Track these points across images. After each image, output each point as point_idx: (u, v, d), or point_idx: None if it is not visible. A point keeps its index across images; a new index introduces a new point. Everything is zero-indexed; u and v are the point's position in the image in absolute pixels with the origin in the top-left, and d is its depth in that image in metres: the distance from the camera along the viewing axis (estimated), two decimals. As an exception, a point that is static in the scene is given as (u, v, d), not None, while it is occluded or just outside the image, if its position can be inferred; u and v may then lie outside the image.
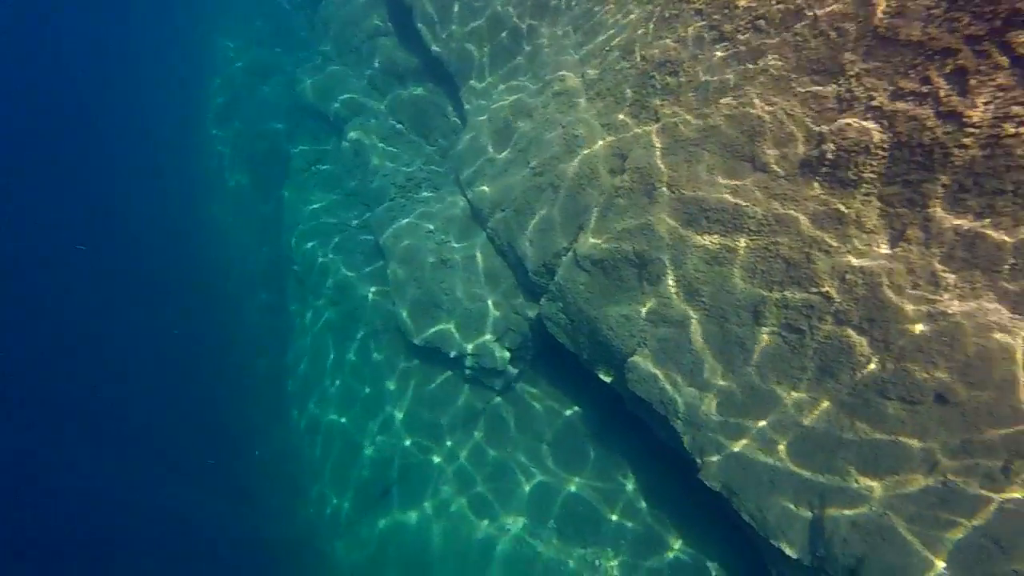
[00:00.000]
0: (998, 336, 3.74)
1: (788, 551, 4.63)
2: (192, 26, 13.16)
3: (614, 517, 6.18)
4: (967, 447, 3.99)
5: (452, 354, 6.59)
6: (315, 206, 9.00)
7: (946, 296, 3.95)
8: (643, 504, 6.24)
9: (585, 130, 5.78)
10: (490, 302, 6.56)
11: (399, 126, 8.44)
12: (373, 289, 7.73)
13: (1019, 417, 3.75)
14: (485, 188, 6.71)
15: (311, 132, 9.83)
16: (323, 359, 8.25)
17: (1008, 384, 3.74)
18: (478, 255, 6.74)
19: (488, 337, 6.46)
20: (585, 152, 5.68)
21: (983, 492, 3.90)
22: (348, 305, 7.91)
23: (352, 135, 8.62)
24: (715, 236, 4.61)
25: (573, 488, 6.36)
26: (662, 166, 4.95)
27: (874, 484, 4.30)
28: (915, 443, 4.14)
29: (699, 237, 4.69)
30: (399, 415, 7.19)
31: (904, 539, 4.16)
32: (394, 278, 7.11)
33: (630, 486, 6.29)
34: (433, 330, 6.72)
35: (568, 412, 6.60)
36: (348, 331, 7.98)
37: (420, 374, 7.11)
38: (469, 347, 6.50)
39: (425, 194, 7.61)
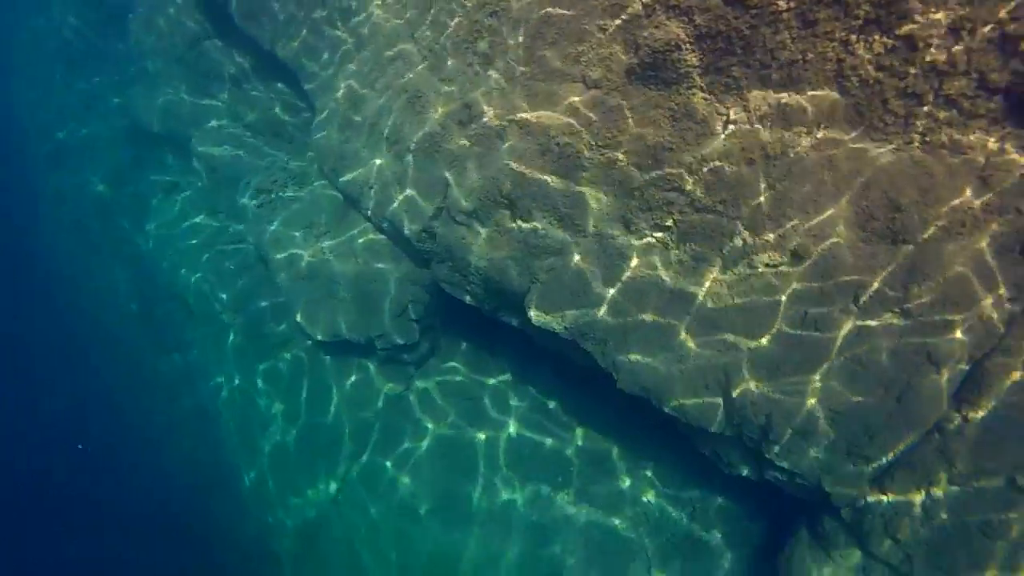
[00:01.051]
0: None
1: (712, 428, 5.10)
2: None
3: (558, 449, 6.52)
4: (824, 291, 4.52)
5: (360, 341, 6.55)
6: (185, 231, 8.46)
7: (777, 164, 4.37)
8: (579, 429, 6.62)
9: (427, 89, 5.77)
10: (384, 280, 6.54)
11: (247, 130, 8.03)
12: (264, 302, 7.47)
13: (869, 264, 4.29)
14: (349, 171, 6.58)
15: (157, 158, 9.15)
16: (245, 385, 7.93)
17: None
18: (360, 238, 6.66)
19: (391, 315, 6.46)
20: (431, 111, 5.69)
21: (834, 333, 4.48)
22: (245, 321, 7.60)
23: (201, 149, 8.10)
24: (570, 159, 4.81)
25: (512, 431, 6.62)
26: (504, 106, 5.06)
27: (763, 342, 4.78)
28: (783, 299, 4.64)
29: (557, 164, 4.87)
30: (328, 413, 7.11)
31: (796, 374, 4.69)
32: (282, 283, 6.91)
33: (563, 416, 6.63)
34: (334, 323, 6.62)
35: (488, 363, 6.79)
36: (255, 348, 7.69)
37: (335, 368, 7.02)
38: (374, 330, 6.48)
39: (292, 192, 7.35)
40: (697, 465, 6.05)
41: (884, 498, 4.88)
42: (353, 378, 6.98)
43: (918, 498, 4.76)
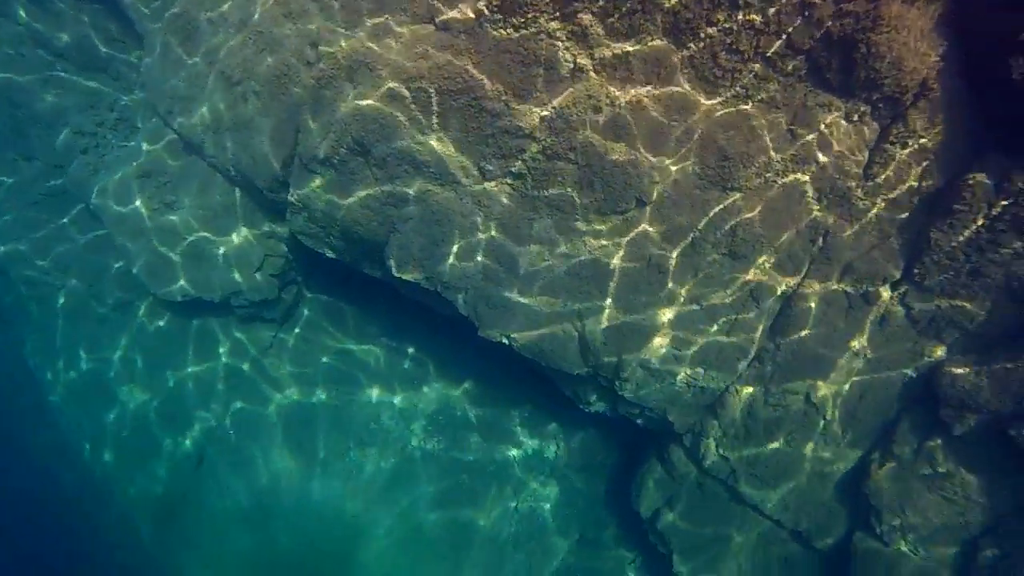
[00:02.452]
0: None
1: (569, 370, 5.37)
2: None
3: (429, 397, 6.58)
4: (664, 235, 4.83)
5: (215, 299, 6.09)
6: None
7: (621, 110, 4.52)
8: (449, 378, 6.71)
9: (271, 25, 5.28)
10: (236, 234, 6.07)
11: (58, 59, 6.86)
12: (100, 262, 6.67)
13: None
14: (187, 114, 5.92)
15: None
16: (79, 349, 7.09)
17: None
18: (206, 189, 6.08)
19: (247, 270, 6.05)
20: (276, 49, 5.23)
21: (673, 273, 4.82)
22: (80, 282, 6.75)
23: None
24: (421, 104, 4.66)
25: (379, 386, 6.57)
26: (353, 45, 4.76)
27: (611, 286, 5.04)
28: (624, 242, 4.89)
29: (409, 109, 4.70)
30: (185, 378, 6.61)
31: (641, 315, 5.02)
32: (121, 241, 6.19)
33: (432, 367, 6.68)
34: (184, 282, 6.09)
35: (353, 316, 6.62)
36: (91, 308, 6.88)
37: (188, 330, 6.51)
38: (229, 287, 6.05)
39: (122, 136, 6.51)
40: (561, 405, 6.38)
41: (716, 422, 5.46)
42: (208, 339, 6.52)
43: (742, 418, 5.38)
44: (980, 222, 4.22)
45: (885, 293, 4.74)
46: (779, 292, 4.90)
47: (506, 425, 6.66)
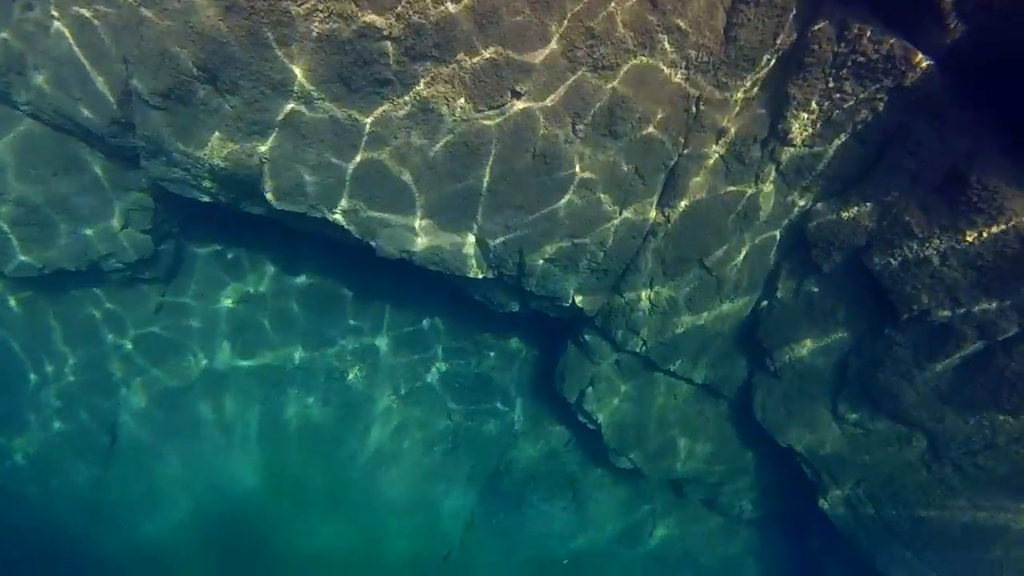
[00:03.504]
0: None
1: (472, 275, 5.40)
2: None
3: (345, 331, 6.48)
4: (547, 125, 4.78)
5: (82, 267, 5.51)
6: None
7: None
8: (358, 307, 6.60)
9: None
10: (87, 189, 5.40)
11: None
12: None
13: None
14: (-17, 55, 5.00)
15: None
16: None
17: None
18: (34, 144, 5.28)
19: (112, 230, 5.48)
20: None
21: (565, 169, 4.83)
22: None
23: None
24: (263, 16, 4.18)
25: (295, 306, 6.38)
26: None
27: (491, 181, 5.01)
28: (492, 155, 4.82)
29: (250, 23, 4.20)
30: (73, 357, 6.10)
31: (535, 208, 5.05)
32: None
33: (340, 300, 6.54)
34: (39, 252, 5.43)
35: (244, 260, 6.27)
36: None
37: (60, 304, 5.92)
38: (95, 251, 5.47)
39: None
40: (476, 312, 6.49)
41: (621, 299, 5.77)
42: (83, 314, 5.96)
43: (644, 293, 5.72)
44: (827, 71, 4.48)
45: (756, 152, 5.02)
46: (663, 166, 5.07)
47: (426, 344, 6.74)
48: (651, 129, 4.87)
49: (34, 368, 5.98)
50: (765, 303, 5.84)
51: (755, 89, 4.86)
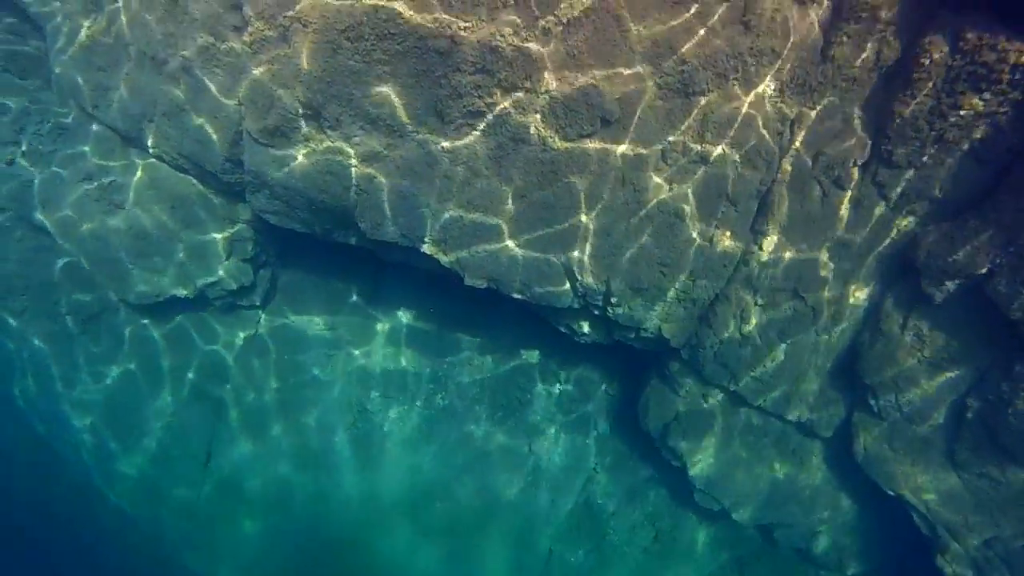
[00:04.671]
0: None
1: (560, 305, 5.37)
2: None
3: (432, 356, 6.56)
4: (636, 153, 4.77)
5: (187, 295, 5.91)
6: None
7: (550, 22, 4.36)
8: (444, 333, 6.68)
9: (189, -9, 4.94)
10: (198, 223, 5.84)
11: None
12: (56, 266, 6.36)
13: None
14: (114, 104, 5.57)
15: None
16: (54, 369, 6.85)
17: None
18: (155, 182, 5.79)
19: (216, 259, 5.86)
20: (199, 16, 4.90)
21: (649, 192, 4.78)
22: (37, 297, 6.46)
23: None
24: (364, 54, 4.44)
25: (380, 350, 6.53)
26: (279, 2, 4.48)
27: (590, 215, 4.99)
28: (581, 182, 4.81)
29: (354, 61, 4.47)
30: (183, 375, 6.48)
31: (622, 236, 5.00)
32: (74, 246, 5.91)
33: (427, 326, 6.63)
34: (152, 281, 5.87)
35: (336, 288, 6.51)
36: (58, 324, 6.61)
37: (170, 328, 6.34)
38: (201, 278, 5.86)
39: (49, 139, 6.11)
40: (557, 342, 6.42)
41: (710, 330, 5.55)
42: (189, 337, 6.36)
43: (734, 324, 5.48)
44: (939, 86, 4.23)
45: (856, 175, 4.78)
46: (756, 191, 4.91)
47: (514, 378, 6.71)
48: (744, 153, 4.73)
49: (147, 388, 6.42)
50: (867, 336, 5.45)
51: (855, 108, 4.65)
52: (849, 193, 4.88)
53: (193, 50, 5.03)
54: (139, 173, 5.81)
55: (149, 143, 5.66)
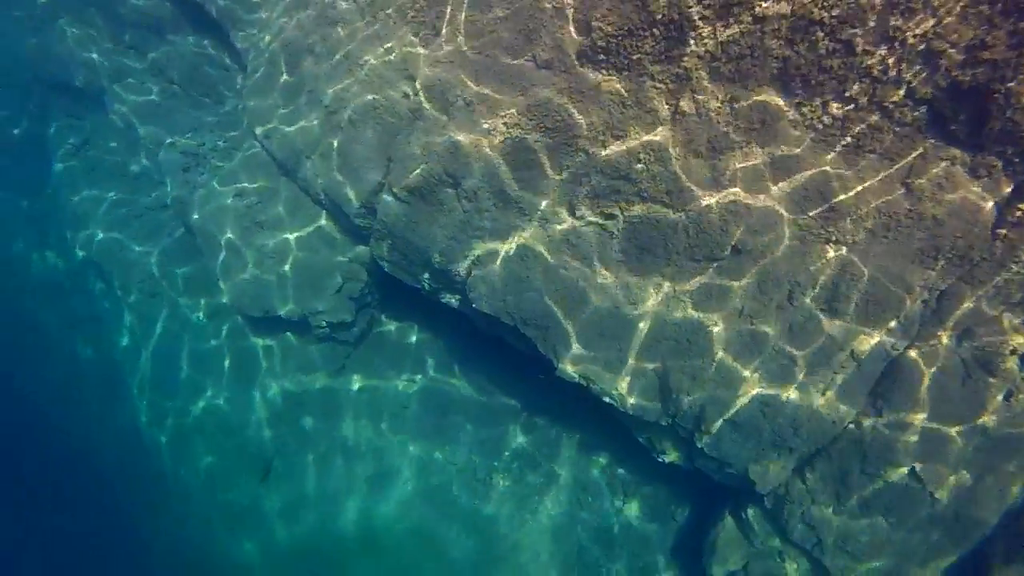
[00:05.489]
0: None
1: (648, 417, 5.16)
2: None
3: (495, 434, 6.47)
4: (762, 289, 4.61)
5: (294, 318, 6.23)
6: (97, 194, 7.75)
7: (722, 157, 4.37)
8: (518, 415, 6.58)
9: (369, 55, 5.46)
10: (320, 256, 6.22)
11: (171, 85, 7.36)
12: (196, 272, 6.98)
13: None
14: (284, 138, 6.17)
15: (64, 109, 8.28)
16: (166, 354, 7.38)
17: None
18: (294, 209, 6.29)
19: (327, 292, 6.17)
20: (373, 78, 5.38)
21: (769, 329, 4.58)
22: (175, 296, 7.09)
23: (117, 106, 7.41)
24: (516, 139, 4.66)
25: (460, 399, 6.51)
26: (453, 79, 4.84)
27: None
28: (710, 315, 4.69)
29: (504, 143, 4.71)
30: (269, 390, 6.77)
31: (729, 368, 4.78)
32: (212, 256, 6.46)
33: (502, 401, 6.57)
34: (268, 300, 6.26)
35: (427, 344, 6.62)
36: (179, 320, 7.19)
37: (269, 347, 6.67)
38: (310, 307, 6.17)
39: (221, 156, 6.85)
40: (631, 451, 6.13)
41: (803, 486, 5.09)
42: (282, 356, 6.66)
43: (832, 487, 4.99)
44: None
45: (1012, 363, 4.32)
46: (884, 354, 4.56)
47: (579, 474, 6.45)
48: (877, 311, 4.44)
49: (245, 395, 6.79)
50: (1000, 547, 4.76)
51: (1020, 292, 4.26)
52: (998, 381, 4.41)
53: (359, 105, 5.50)
54: (282, 200, 6.32)
55: (299, 176, 6.18)
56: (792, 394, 4.76)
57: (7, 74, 8.42)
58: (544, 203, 4.78)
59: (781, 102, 4.18)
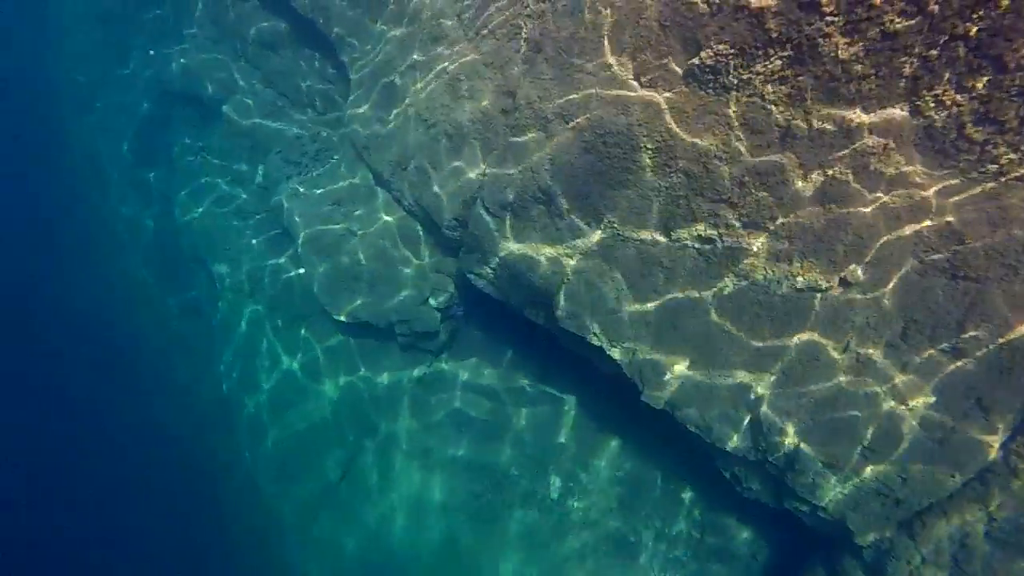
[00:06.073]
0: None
1: (737, 451, 4.91)
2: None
3: (573, 458, 6.36)
4: (871, 324, 4.29)
5: (381, 324, 6.42)
6: (209, 197, 8.39)
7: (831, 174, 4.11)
8: (598, 439, 6.44)
9: (469, 73, 5.57)
10: (409, 265, 6.39)
11: (280, 97, 7.86)
12: (289, 273, 7.36)
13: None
14: (382, 150, 6.41)
15: (187, 119, 9.05)
16: (254, 354, 7.87)
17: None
18: (388, 219, 6.51)
19: (414, 301, 6.32)
20: (473, 97, 5.49)
21: (874, 389, 4.24)
22: (266, 293, 7.52)
23: (232, 116, 7.98)
24: (615, 158, 4.59)
25: (526, 433, 6.47)
26: (550, 98, 4.83)
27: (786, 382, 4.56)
28: (822, 340, 4.40)
29: (602, 161, 4.64)
30: (337, 394, 7.03)
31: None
32: (305, 258, 6.79)
33: (581, 423, 6.46)
34: (356, 304, 6.50)
35: (508, 360, 6.62)
36: (272, 319, 7.62)
37: (353, 351, 6.91)
38: (394, 315, 6.34)
39: (322, 166, 7.21)
40: (715, 485, 5.85)
41: (911, 543, 4.66)
42: (367, 361, 6.88)
43: (948, 547, 4.53)
44: None
45: None
46: (1016, 406, 4.10)
47: (655, 508, 6.24)
48: (998, 352, 4.01)
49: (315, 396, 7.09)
50: None
51: None
52: None
53: (458, 121, 5.62)
54: (378, 210, 6.56)
55: (395, 187, 6.39)
56: (902, 444, 4.38)
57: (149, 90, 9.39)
58: (639, 223, 4.67)
59: (909, 125, 3.88)
